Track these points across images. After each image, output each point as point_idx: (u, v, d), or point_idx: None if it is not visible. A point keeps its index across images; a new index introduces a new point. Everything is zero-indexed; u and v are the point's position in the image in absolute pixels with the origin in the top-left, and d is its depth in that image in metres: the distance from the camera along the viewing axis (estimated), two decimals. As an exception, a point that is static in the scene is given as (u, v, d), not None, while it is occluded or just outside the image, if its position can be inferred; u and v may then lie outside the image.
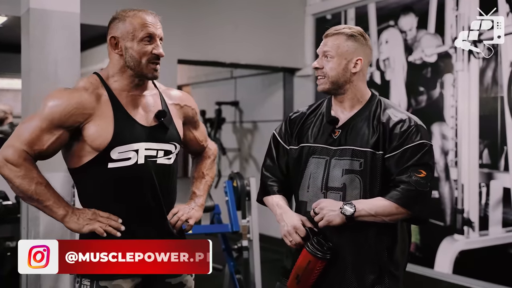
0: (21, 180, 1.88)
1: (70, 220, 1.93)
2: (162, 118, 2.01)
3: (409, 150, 1.96)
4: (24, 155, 1.89)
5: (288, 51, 5.33)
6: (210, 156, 2.30)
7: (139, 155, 1.97)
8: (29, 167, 1.89)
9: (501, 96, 3.74)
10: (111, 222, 1.94)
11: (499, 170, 3.74)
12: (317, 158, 2.05)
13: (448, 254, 4.02)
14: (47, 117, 1.89)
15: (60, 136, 1.91)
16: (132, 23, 1.96)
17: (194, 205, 2.17)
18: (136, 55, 1.96)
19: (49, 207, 1.92)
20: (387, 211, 1.93)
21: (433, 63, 4.20)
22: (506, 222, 3.68)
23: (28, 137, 1.89)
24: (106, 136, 1.92)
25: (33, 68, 3.09)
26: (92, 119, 1.93)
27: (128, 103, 1.99)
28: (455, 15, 4.04)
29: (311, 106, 2.19)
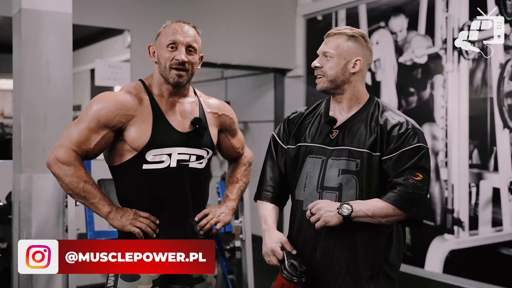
0: (70, 178, 2.02)
1: (114, 217, 2.07)
2: (197, 125, 2.12)
3: (406, 153, 1.98)
4: (74, 155, 2.03)
5: (279, 52, 5.35)
6: (245, 163, 2.42)
7: (172, 159, 2.09)
8: (78, 167, 2.03)
9: (490, 97, 3.77)
10: (150, 224, 2.08)
11: (488, 170, 3.77)
12: (313, 158, 2.06)
13: (438, 254, 4.05)
14: (94, 118, 2.04)
15: (105, 136, 2.05)
16: (164, 33, 2.12)
17: (225, 208, 2.28)
18: (162, 61, 2.10)
19: (95, 204, 2.05)
20: (384, 213, 1.94)
21: (424, 64, 4.23)
22: (496, 221, 3.72)
23: (77, 138, 2.03)
24: (144, 139, 2.05)
25: (25, 68, 3.09)
26: (134, 121, 2.06)
27: (168, 109, 2.12)
28: (445, 17, 4.07)
29: (310, 106, 2.22)
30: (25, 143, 3.05)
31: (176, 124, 2.12)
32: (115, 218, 2.06)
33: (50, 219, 3.15)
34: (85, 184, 2.03)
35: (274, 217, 2.17)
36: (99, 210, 2.06)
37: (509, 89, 3.67)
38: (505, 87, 3.69)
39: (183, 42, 2.09)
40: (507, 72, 3.68)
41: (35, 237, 3.07)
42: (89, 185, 2.04)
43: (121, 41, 5.25)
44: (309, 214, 1.98)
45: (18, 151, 3.09)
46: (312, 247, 2.04)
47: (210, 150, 2.19)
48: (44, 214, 3.12)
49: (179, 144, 2.10)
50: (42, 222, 3.12)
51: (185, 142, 2.11)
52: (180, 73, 2.09)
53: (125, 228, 2.06)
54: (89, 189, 2.04)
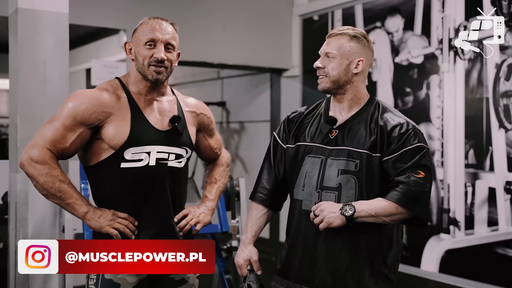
0: (45, 178, 1.95)
1: (91, 218, 2.01)
2: (176, 123, 2.10)
3: (408, 152, 1.98)
4: (49, 154, 1.96)
5: (275, 52, 5.35)
6: (223, 164, 2.39)
7: (150, 157, 2.05)
8: (53, 166, 1.96)
9: (486, 97, 3.79)
10: (129, 225, 2.03)
11: (484, 170, 3.79)
12: (313, 157, 2.06)
13: (434, 253, 4.06)
14: (70, 115, 1.98)
15: (82, 134, 1.99)
16: (142, 30, 2.09)
17: (204, 208, 2.24)
18: (140, 58, 2.07)
19: (71, 205, 1.99)
20: (387, 211, 1.94)
21: (420, 64, 4.24)
22: (491, 221, 3.73)
23: (51, 136, 1.96)
24: (122, 136, 2.01)
25: (21, 68, 3.08)
26: (111, 118, 2.02)
27: (146, 106, 2.09)
28: (441, 17, 4.08)
29: (310, 106, 2.21)
30: (22, 143, 3.04)
31: (155, 122, 2.09)
32: (92, 219, 2.01)
33: (47, 219, 3.14)
34: (61, 183, 1.97)
35: (257, 228, 2.18)
36: (76, 211, 2.00)
37: (505, 89, 3.68)
38: (501, 87, 3.71)
39: (162, 40, 2.07)
40: (503, 72, 3.69)
41: (32, 237, 3.06)
42: (65, 185, 1.98)
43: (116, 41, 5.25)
44: (312, 216, 1.98)
45: (15, 151, 3.08)
46: (311, 247, 2.04)
47: (189, 149, 2.16)
48: (41, 214, 3.11)
49: (158, 142, 2.07)
50: (38, 222, 3.11)
51: (164, 141, 2.08)
52: (159, 70, 2.06)
53: (103, 229, 2.00)
54: (65, 189, 1.97)
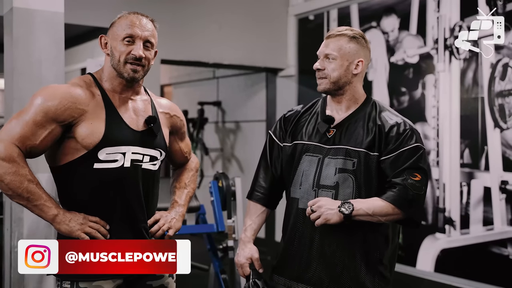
0: (11, 177, 1.80)
1: (61, 221, 1.87)
2: (152, 124, 2.01)
3: (405, 153, 2.00)
4: (16, 151, 1.82)
5: (271, 52, 5.35)
6: (192, 168, 2.30)
7: (125, 158, 1.95)
8: (21, 164, 1.82)
9: (481, 96, 3.80)
10: (100, 229, 1.92)
11: (479, 170, 3.79)
12: (310, 156, 2.07)
13: (430, 253, 4.07)
14: (42, 110, 1.85)
15: (53, 131, 1.86)
16: (120, 24, 1.98)
17: (175, 214, 2.15)
18: (116, 54, 1.96)
19: (39, 207, 1.84)
20: (384, 212, 1.96)
21: (415, 64, 4.24)
22: (487, 220, 3.74)
23: (20, 132, 1.83)
24: (96, 136, 1.90)
25: (16, 67, 3.06)
26: (85, 116, 1.90)
27: (120, 105, 1.99)
28: (437, 17, 4.08)
29: (306, 104, 2.22)
30: (17, 143, 3.03)
31: (130, 121, 1.99)
32: (62, 222, 1.86)
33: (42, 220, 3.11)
34: (29, 183, 1.82)
35: (256, 226, 2.19)
36: (44, 213, 1.85)
37: (500, 89, 3.69)
38: (496, 87, 3.71)
39: (141, 36, 1.97)
40: (498, 72, 3.70)
41: (27, 237, 3.05)
42: (34, 185, 1.83)
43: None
44: (309, 211, 1.98)
45: (10, 151, 3.07)
46: (308, 245, 2.05)
47: (163, 152, 2.08)
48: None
49: (134, 143, 1.97)
50: (33, 223, 3.08)
51: (139, 142, 1.98)
52: (136, 68, 1.96)
53: (73, 233, 1.88)
54: (33, 189, 1.82)
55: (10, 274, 3.06)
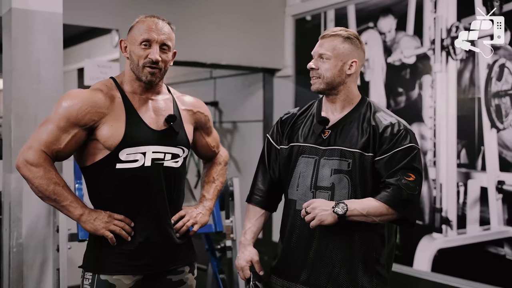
0: (40, 180, 1.94)
1: (86, 220, 1.99)
2: (172, 122, 2.07)
3: (399, 153, 2.01)
4: (44, 156, 1.95)
5: (268, 52, 5.35)
6: (221, 162, 2.38)
7: (146, 158, 2.02)
8: (48, 168, 1.95)
9: (478, 97, 3.80)
10: (125, 227, 2.01)
11: (476, 170, 3.81)
12: (306, 158, 2.09)
13: (427, 252, 4.08)
14: (64, 116, 1.96)
15: (76, 135, 1.97)
16: (137, 28, 2.05)
17: (202, 208, 2.22)
18: (135, 58, 2.03)
19: (66, 207, 1.97)
20: (378, 212, 1.97)
21: (412, 64, 4.25)
22: (483, 220, 3.75)
23: (46, 138, 1.96)
24: (117, 137, 1.98)
25: (15, 68, 3.08)
26: (106, 119, 1.99)
27: (140, 106, 2.06)
28: (434, 18, 4.09)
29: (302, 107, 2.23)
30: (16, 143, 3.03)
31: (150, 121, 2.05)
32: (87, 221, 1.99)
33: (41, 219, 3.13)
34: (56, 186, 1.95)
35: (256, 229, 2.20)
36: (71, 213, 1.99)
37: (497, 89, 3.71)
38: (493, 87, 3.72)
39: (157, 40, 2.03)
40: (495, 73, 3.71)
41: (26, 238, 3.06)
42: (60, 187, 1.96)
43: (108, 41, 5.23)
44: (304, 213, 1.99)
45: (9, 151, 3.08)
46: (306, 246, 2.06)
47: (185, 148, 2.13)
48: (35, 214, 3.11)
49: (154, 142, 2.04)
50: (32, 223, 3.10)
51: (159, 140, 2.05)
52: (153, 71, 2.03)
53: (98, 231, 1.99)
54: (59, 191, 1.96)
55: (9, 274, 3.07)
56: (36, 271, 3.12)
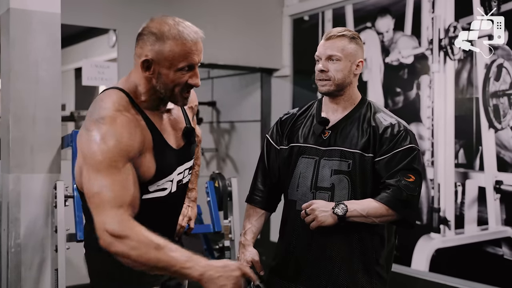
0: (136, 254, 1.51)
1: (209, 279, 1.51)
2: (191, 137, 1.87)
3: (399, 154, 2.00)
4: (126, 218, 1.55)
5: (265, 52, 5.36)
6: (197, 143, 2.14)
7: (173, 184, 1.82)
8: (136, 235, 1.53)
9: (476, 97, 3.81)
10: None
11: (474, 170, 3.82)
12: (306, 158, 2.08)
13: (424, 252, 4.09)
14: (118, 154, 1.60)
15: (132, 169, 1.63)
16: (173, 50, 1.68)
17: (188, 201, 2.16)
18: (170, 83, 1.71)
19: (178, 272, 1.52)
20: (378, 213, 1.97)
21: (410, 64, 4.26)
22: (481, 220, 3.76)
23: (116, 194, 1.56)
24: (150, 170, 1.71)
25: (13, 68, 3.06)
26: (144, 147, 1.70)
27: (161, 124, 1.79)
28: (431, 17, 4.10)
29: (302, 107, 2.22)
30: (14, 143, 3.02)
31: (172, 141, 1.83)
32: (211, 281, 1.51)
33: (39, 220, 3.12)
34: (157, 251, 1.51)
35: (255, 229, 2.19)
36: (188, 277, 1.53)
37: (495, 89, 3.71)
38: (491, 87, 3.74)
39: (198, 62, 1.73)
40: (493, 73, 3.72)
41: (24, 238, 3.05)
42: (162, 252, 1.51)
43: (105, 41, 5.23)
44: (303, 214, 1.99)
45: (7, 151, 3.07)
46: (306, 247, 2.06)
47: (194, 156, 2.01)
48: (33, 214, 3.09)
49: (178, 163, 1.83)
50: (30, 223, 3.09)
51: (181, 160, 1.86)
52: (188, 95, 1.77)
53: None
54: (163, 257, 1.51)
55: (7, 275, 3.06)
56: (34, 271, 3.10)
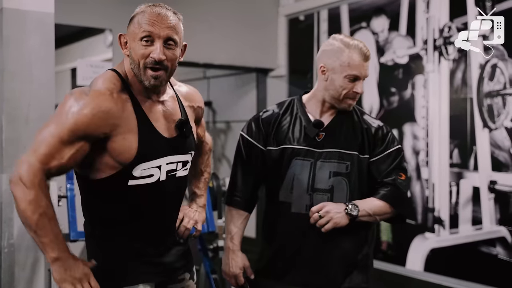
0: (27, 205, 1.63)
1: (58, 267, 1.68)
2: (184, 129, 1.86)
3: (392, 155, 2.13)
4: (39, 176, 1.64)
5: (261, 52, 5.37)
6: (207, 151, 2.20)
7: (161, 171, 1.81)
8: (39, 194, 1.64)
9: (470, 97, 3.82)
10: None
11: (468, 170, 3.83)
12: (301, 160, 2.11)
13: (419, 252, 4.09)
14: (69, 128, 1.67)
15: (81, 148, 1.69)
16: (138, 21, 1.74)
17: (196, 207, 2.12)
18: (135, 57, 1.75)
19: (43, 244, 1.66)
20: (382, 211, 2.06)
21: (405, 64, 4.27)
22: (476, 220, 3.77)
23: (45, 151, 1.66)
24: (131, 152, 1.74)
25: (6, 68, 3.05)
26: (118, 130, 1.73)
27: (151, 111, 1.81)
28: (426, 18, 4.11)
29: (281, 105, 2.23)
30: (7, 143, 3.01)
31: (163, 129, 1.83)
32: (58, 268, 1.67)
33: (32, 220, 3.13)
34: (41, 217, 1.63)
35: (241, 233, 2.22)
36: (47, 253, 1.66)
37: (489, 89, 3.73)
38: (485, 87, 3.74)
39: (160, 35, 1.73)
40: (487, 73, 3.73)
41: (17, 238, 3.04)
42: (46, 220, 1.64)
43: (101, 40, 5.23)
44: (316, 217, 2.03)
45: (0, 152, 3.06)
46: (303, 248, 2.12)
47: (193, 152, 1.98)
48: (26, 214, 3.10)
49: (168, 152, 1.83)
50: (24, 223, 3.10)
51: (172, 149, 1.85)
52: (157, 74, 1.75)
53: (60, 284, 1.69)
54: (43, 224, 1.64)
55: (0, 275, 3.06)
56: (28, 271, 3.09)
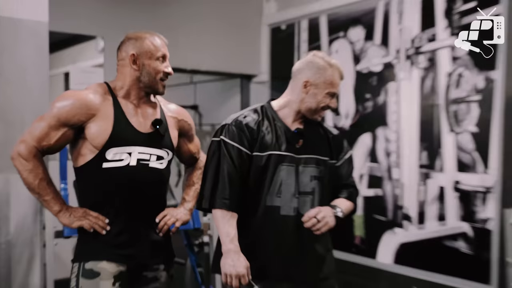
0: (28, 173, 2.07)
1: (63, 215, 2.12)
2: (158, 126, 2.16)
3: (350, 158, 2.31)
4: (34, 151, 2.08)
5: (245, 59, 5.41)
6: (201, 167, 2.39)
7: (131, 157, 2.11)
8: (36, 164, 2.08)
9: (438, 103, 3.90)
10: (98, 222, 2.11)
11: (435, 170, 3.92)
12: (286, 166, 2.20)
13: (389, 246, 4.18)
14: (55, 116, 2.09)
15: (65, 133, 2.10)
16: (152, 44, 2.17)
17: (183, 209, 2.29)
18: (152, 72, 2.16)
19: (47, 202, 2.11)
20: (349, 209, 2.26)
21: (379, 72, 4.33)
22: (441, 217, 3.87)
23: (38, 134, 2.08)
24: (104, 136, 2.09)
25: (1, 74, 3.09)
26: (94, 119, 2.09)
27: (129, 110, 2.16)
28: (399, 29, 4.18)
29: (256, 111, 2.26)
30: (2, 147, 3.03)
31: (137, 124, 2.14)
32: (63, 216, 2.11)
33: (28, 218, 3.19)
34: (41, 181, 2.07)
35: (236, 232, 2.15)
36: (51, 208, 2.11)
37: (455, 96, 3.81)
38: (451, 94, 3.83)
39: (167, 55, 2.19)
40: (453, 81, 3.81)
41: (13, 236, 3.11)
42: (44, 183, 2.08)
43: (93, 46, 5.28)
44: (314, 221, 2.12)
45: (-4, 154, 3.08)
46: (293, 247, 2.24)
47: (170, 152, 2.22)
48: (22, 213, 3.16)
49: (140, 143, 2.12)
50: (19, 221, 3.16)
51: (145, 142, 2.13)
52: (165, 84, 2.19)
53: (72, 224, 2.10)
54: (43, 186, 2.08)
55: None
56: (24, 266, 3.17)
